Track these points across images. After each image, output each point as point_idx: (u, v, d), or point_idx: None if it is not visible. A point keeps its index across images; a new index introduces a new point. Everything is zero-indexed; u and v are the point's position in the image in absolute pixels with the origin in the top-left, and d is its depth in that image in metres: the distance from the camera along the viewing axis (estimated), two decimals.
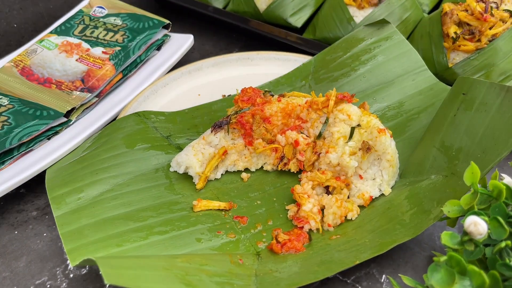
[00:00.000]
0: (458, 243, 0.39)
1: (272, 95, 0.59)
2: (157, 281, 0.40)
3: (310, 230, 0.50)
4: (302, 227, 0.50)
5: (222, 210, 0.53)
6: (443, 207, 0.42)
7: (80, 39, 0.76)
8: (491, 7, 0.66)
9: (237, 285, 0.43)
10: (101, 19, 0.79)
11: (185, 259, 0.45)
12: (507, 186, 0.40)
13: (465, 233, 0.38)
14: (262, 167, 0.59)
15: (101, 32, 0.76)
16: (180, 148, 0.60)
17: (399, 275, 0.46)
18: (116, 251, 0.47)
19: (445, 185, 0.48)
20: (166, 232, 0.50)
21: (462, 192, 0.43)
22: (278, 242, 0.48)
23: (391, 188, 0.53)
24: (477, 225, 0.37)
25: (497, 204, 0.39)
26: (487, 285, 0.35)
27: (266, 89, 0.60)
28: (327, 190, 0.53)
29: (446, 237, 0.39)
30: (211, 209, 0.53)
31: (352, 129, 0.53)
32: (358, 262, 0.43)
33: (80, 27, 0.78)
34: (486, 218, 0.38)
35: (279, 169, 0.57)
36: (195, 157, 0.55)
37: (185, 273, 0.42)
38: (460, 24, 0.68)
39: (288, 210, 0.53)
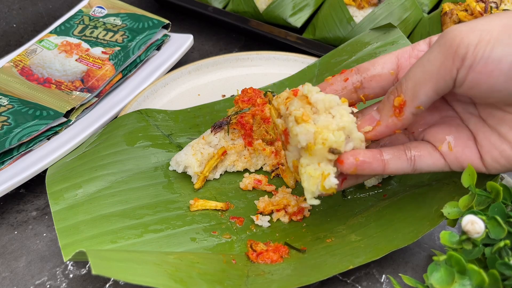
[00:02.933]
0: (457, 242, 0.39)
1: (274, 96, 0.59)
2: (146, 275, 0.40)
3: (288, 245, 0.49)
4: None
5: (219, 210, 0.53)
6: (443, 208, 0.42)
7: (80, 39, 0.76)
8: (491, 7, 0.66)
9: (228, 284, 0.43)
10: (100, 19, 0.79)
11: (177, 256, 0.45)
12: (505, 187, 0.41)
13: (463, 232, 0.38)
14: (261, 168, 0.59)
15: (100, 32, 0.76)
16: (180, 147, 0.60)
17: (400, 274, 0.46)
18: (110, 248, 0.47)
19: (445, 192, 0.48)
20: (161, 231, 0.50)
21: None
22: (254, 250, 0.48)
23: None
24: (474, 223, 0.37)
25: (496, 204, 0.39)
26: (486, 284, 0.35)
27: (269, 90, 0.60)
28: None
29: (445, 237, 0.39)
30: (207, 209, 0.53)
31: None
32: (352, 266, 0.43)
33: (80, 27, 0.78)
34: (484, 217, 0.38)
35: (272, 177, 0.57)
36: (194, 156, 0.55)
37: (175, 269, 0.42)
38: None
39: None
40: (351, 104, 0.45)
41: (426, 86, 0.38)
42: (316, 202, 0.42)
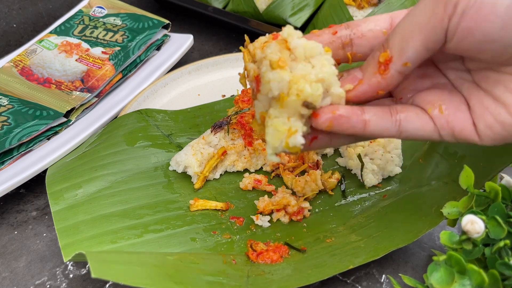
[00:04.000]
0: (457, 242, 0.39)
1: None
2: (146, 277, 0.39)
3: (288, 245, 0.49)
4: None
5: (219, 210, 0.53)
6: (443, 209, 0.42)
7: (80, 39, 0.76)
8: None
9: (228, 285, 0.43)
10: (100, 19, 0.79)
11: (177, 257, 0.45)
12: (504, 187, 0.41)
13: (463, 232, 0.38)
14: (261, 168, 0.59)
15: (100, 32, 0.76)
16: (180, 147, 0.60)
17: (400, 274, 0.46)
18: (110, 248, 0.47)
19: (445, 191, 0.48)
20: (161, 231, 0.50)
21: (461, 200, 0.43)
22: (254, 250, 0.48)
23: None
24: (474, 223, 0.37)
25: (496, 204, 0.39)
26: (486, 284, 0.35)
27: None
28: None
29: (445, 237, 0.39)
30: (207, 209, 0.53)
31: None
32: (352, 266, 0.43)
33: (80, 27, 0.78)
34: (484, 217, 0.38)
35: (271, 177, 0.57)
36: (194, 156, 0.55)
37: (175, 271, 0.42)
38: None
39: None
40: (336, 62, 0.41)
41: (414, 39, 0.34)
42: (276, 159, 0.37)
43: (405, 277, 0.40)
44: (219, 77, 0.73)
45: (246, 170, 0.58)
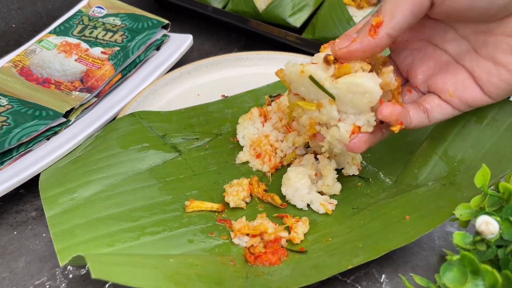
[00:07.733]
0: (471, 243, 0.39)
1: (271, 97, 0.59)
2: (145, 278, 0.39)
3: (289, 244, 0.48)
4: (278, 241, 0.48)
5: (215, 211, 0.53)
6: (455, 210, 0.42)
7: (79, 39, 0.76)
8: None
9: (227, 286, 0.43)
10: (100, 19, 0.79)
11: (176, 259, 0.45)
12: None
13: (477, 233, 0.38)
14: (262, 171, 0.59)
15: (100, 32, 0.76)
16: (175, 147, 0.60)
17: (399, 274, 0.47)
18: (106, 251, 0.46)
19: (442, 194, 0.48)
20: (158, 233, 0.49)
21: (459, 203, 0.43)
22: (252, 253, 0.47)
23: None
24: (489, 224, 0.37)
25: (509, 205, 0.39)
26: (499, 285, 0.35)
27: (273, 94, 0.59)
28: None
29: (459, 237, 0.39)
30: (203, 210, 0.53)
31: None
32: (351, 266, 0.43)
33: (79, 27, 0.78)
34: (498, 218, 0.38)
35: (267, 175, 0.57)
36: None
37: (174, 272, 0.42)
38: None
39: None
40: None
41: (403, 6, 0.40)
42: None
43: (416, 277, 0.40)
44: (218, 77, 0.73)
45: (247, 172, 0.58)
